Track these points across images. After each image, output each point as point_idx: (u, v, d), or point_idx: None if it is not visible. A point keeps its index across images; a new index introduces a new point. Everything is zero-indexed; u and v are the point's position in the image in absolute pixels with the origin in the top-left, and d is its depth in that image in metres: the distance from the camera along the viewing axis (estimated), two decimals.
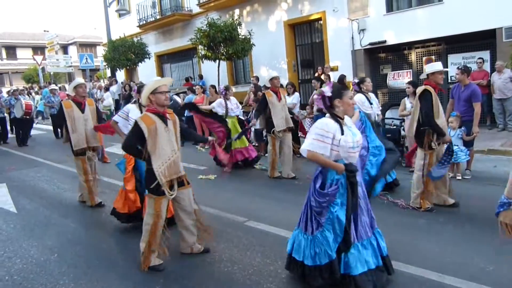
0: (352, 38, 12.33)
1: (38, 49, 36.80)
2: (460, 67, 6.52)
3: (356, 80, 6.57)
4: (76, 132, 5.65)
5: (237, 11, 15.31)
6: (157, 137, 3.63)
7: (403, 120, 7.28)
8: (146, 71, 19.33)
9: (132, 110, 4.95)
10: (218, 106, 8.12)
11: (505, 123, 9.60)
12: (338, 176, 3.18)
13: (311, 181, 3.35)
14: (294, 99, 9.03)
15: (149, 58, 18.13)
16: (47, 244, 4.62)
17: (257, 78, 11.88)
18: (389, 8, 11.70)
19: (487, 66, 10.05)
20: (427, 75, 5.06)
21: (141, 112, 4.64)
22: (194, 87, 11.42)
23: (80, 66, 17.79)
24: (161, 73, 20.35)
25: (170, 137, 3.74)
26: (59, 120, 5.73)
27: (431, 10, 10.80)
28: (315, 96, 3.28)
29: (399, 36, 11.45)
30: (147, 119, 3.67)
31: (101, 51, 22.74)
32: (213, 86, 11.55)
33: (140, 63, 17.95)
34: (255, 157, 8.02)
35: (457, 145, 5.95)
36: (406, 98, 7.13)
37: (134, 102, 5.28)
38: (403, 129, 7.38)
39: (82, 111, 5.72)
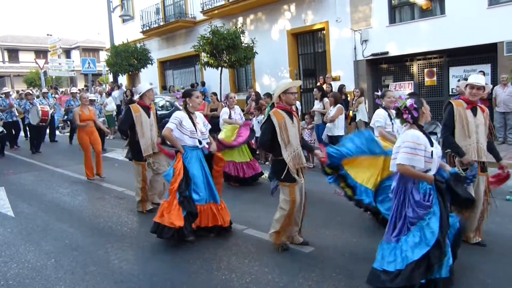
0: (355, 48, 12.39)
1: (41, 53, 36.95)
2: (460, 80, 6.55)
3: (379, 93, 5.65)
4: (145, 137, 5.58)
5: (240, 19, 15.40)
6: (286, 130, 4.08)
7: None
8: (149, 77, 19.38)
9: (184, 118, 4.65)
10: (224, 114, 7.76)
11: (505, 136, 9.62)
12: (429, 186, 3.21)
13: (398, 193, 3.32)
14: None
15: (152, 64, 18.19)
16: (44, 249, 4.59)
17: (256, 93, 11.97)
18: (392, 20, 11.77)
19: (488, 80, 10.09)
20: (464, 88, 4.38)
21: (190, 118, 4.68)
22: None
23: (82, 71, 17.83)
24: (163, 79, 20.43)
25: (295, 132, 4.18)
26: (124, 125, 5.71)
27: (434, 23, 10.86)
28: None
29: (401, 47, 11.50)
30: (278, 115, 4.12)
31: (104, 56, 22.82)
32: (215, 93, 11.58)
33: (142, 69, 18.00)
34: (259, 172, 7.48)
35: None
36: None
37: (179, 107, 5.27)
38: None
39: (149, 115, 5.70)
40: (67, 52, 38.79)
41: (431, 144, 3.22)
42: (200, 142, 4.72)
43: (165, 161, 5.82)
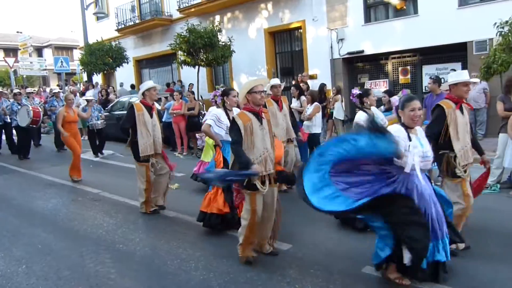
0: (331, 47, 12.51)
1: (10, 51, 35.72)
2: (432, 77, 6.72)
3: (357, 91, 5.38)
4: (145, 137, 5.44)
5: (217, 17, 15.32)
6: (252, 134, 3.79)
7: None
8: (124, 76, 19.09)
9: (221, 115, 5.05)
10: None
11: (475, 132, 9.92)
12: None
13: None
14: None
15: (127, 62, 17.89)
16: (14, 255, 4.43)
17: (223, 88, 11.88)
18: (367, 19, 11.95)
19: None
20: (449, 86, 4.07)
21: (227, 116, 4.99)
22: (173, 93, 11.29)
23: (55, 70, 17.33)
24: (139, 78, 20.11)
25: (264, 135, 3.88)
26: (127, 123, 5.52)
27: (407, 22, 11.08)
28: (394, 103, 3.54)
29: (376, 46, 11.68)
30: (244, 117, 3.84)
31: (77, 54, 22.26)
32: (192, 92, 11.48)
33: (118, 68, 17.69)
34: None
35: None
36: (382, 107, 7.25)
37: (219, 106, 5.45)
38: None
39: (151, 115, 5.55)
40: (39, 51, 37.70)
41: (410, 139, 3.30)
42: None
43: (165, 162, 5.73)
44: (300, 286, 3.53)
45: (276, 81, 6.71)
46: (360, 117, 5.11)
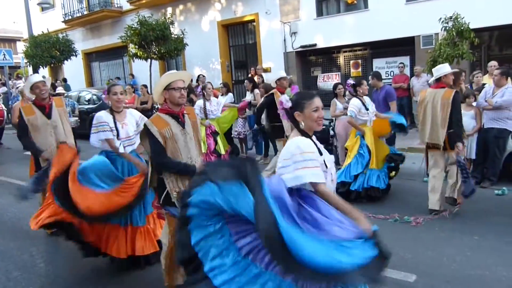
0: (284, 40, 12.69)
1: None
2: (371, 74, 7.04)
3: (351, 82, 5.92)
4: (42, 145, 4.41)
5: (169, 10, 15.05)
6: (171, 141, 3.05)
7: (332, 120, 7.60)
8: (73, 70, 18.32)
9: (110, 120, 3.83)
10: (196, 109, 6.83)
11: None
12: None
13: None
14: (227, 99, 9.09)
15: (76, 55, 17.14)
16: None
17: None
18: (319, 13, 12.21)
19: (407, 71, 10.87)
20: (441, 77, 4.79)
21: (113, 118, 3.85)
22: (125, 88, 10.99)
23: None
24: (89, 72, 19.38)
25: (187, 141, 3.13)
26: (21, 132, 4.49)
27: (358, 17, 11.44)
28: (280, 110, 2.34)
29: (328, 40, 11.98)
30: (159, 121, 3.05)
31: (21, 47, 21.02)
32: (145, 86, 11.25)
33: (66, 61, 16.92)
34: None
35: None
36: (335, 99, 7.45)
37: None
38: (332, 129, 7.67)
39: (48, 116, 4.49)
40: None
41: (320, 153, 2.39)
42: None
43: None
44: None
45: (282, 73, 6.50)
46: (354, 102, 5.65)
